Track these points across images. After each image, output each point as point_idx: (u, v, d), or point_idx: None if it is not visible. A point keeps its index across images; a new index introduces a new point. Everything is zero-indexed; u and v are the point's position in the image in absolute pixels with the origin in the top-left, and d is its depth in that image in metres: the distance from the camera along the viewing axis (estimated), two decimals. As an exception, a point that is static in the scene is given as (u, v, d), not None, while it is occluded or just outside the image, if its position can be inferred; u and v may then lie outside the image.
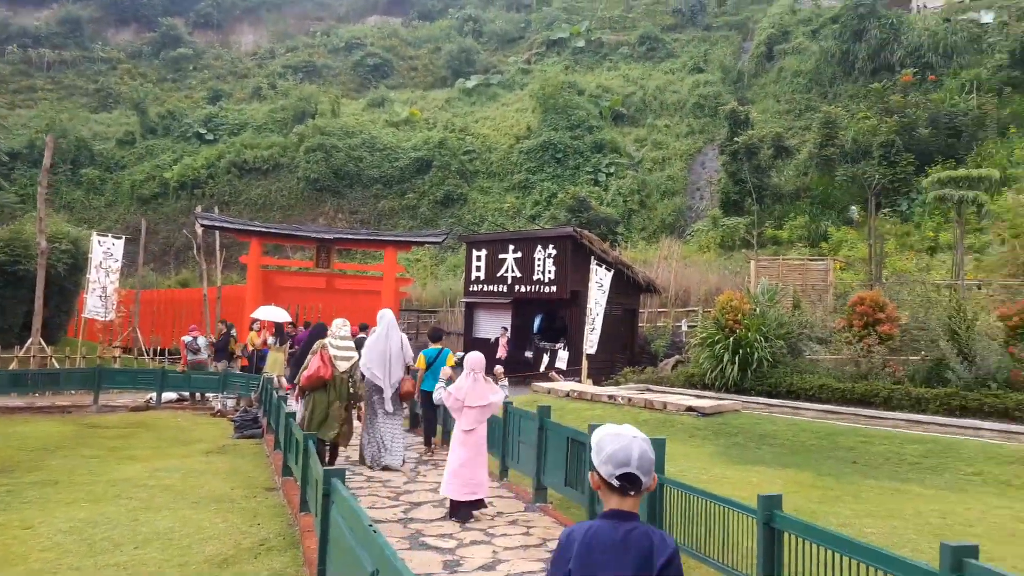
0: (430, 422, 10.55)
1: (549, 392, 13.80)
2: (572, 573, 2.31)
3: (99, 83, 60.85)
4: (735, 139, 33.72)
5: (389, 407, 9.08)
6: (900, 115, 30.81)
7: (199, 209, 25.94)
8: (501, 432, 8.56)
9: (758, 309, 15.03)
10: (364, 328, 15.82)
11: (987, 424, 10.53)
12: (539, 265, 18.98)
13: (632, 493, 2.34)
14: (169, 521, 7.05)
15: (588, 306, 16.48)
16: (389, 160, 44.73)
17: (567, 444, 6.86)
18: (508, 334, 19.77)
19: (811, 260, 21.92)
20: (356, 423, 9.10)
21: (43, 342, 18.11)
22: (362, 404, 9.10)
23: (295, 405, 9.44)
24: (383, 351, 9.11)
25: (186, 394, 16.24)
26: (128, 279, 31.56)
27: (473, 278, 20.77)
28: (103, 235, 19.19)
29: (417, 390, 9.99)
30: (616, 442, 2.37)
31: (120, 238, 19.19)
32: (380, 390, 9.13)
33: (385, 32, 63.19)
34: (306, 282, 23.63)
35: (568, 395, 13.37)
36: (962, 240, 20.37)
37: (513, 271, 19.61)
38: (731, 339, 14.10)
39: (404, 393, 9.26)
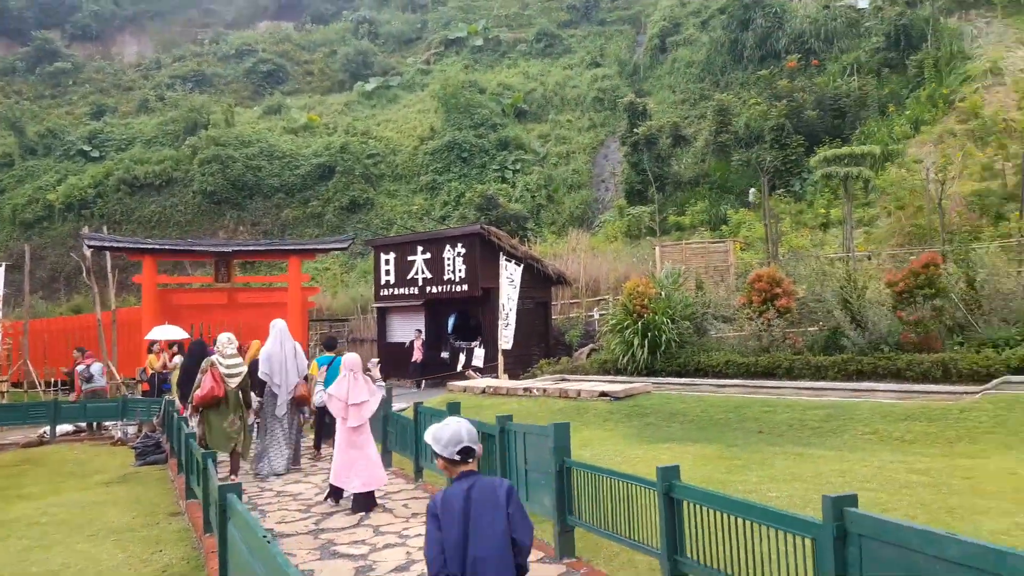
0: (320, 427, 10.76)
1: (465, 390, 13.74)
2: (443, 526, 3.05)
3: (-32, 102, 56.92)
4: (634, 131, 34.47)
5: (280, 411, 9.32)
6: (788, 99, 32.14)
7: (86, 230, 24.63)
8: (413, 433, 8.43)
9: (664, 293, 15.36)
10: (332, 343, 15.41)
11: (882, 386, 11.07)
12: (449, 265, 18.87)
13: (470, 460, 3.17)
14: (63, 557, 6.64)
15: (500, 302, 16.49)
16: (290, 168, 43.64)
17: (479, 439, 6.81)
18: (423, 336, 19.58)
19: (712, 243, 22.61)
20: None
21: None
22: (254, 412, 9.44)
23: (194, 425, 9.26)
24: (280, 359, 9.31)
25: (83, 425, 15.37)
26: (16, 309, 29.68)
27: (383, 282, 20.47)
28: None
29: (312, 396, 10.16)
30: (447, 430, 3.19)
31: (0, 265, 17.93)
32: (276, 396, 9.37)
33: (277, 37, 61.56)
34: (207, 299, 22.72)
35: (484, 391, 13.35)
36: (851, 215, 21.41)
37: (423, 272, 19.43)
38: (639, 323, 14.36)
39: (299, 397, 9.49)
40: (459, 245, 18.67)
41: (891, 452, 8.11)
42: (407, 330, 20.19)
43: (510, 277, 16.68)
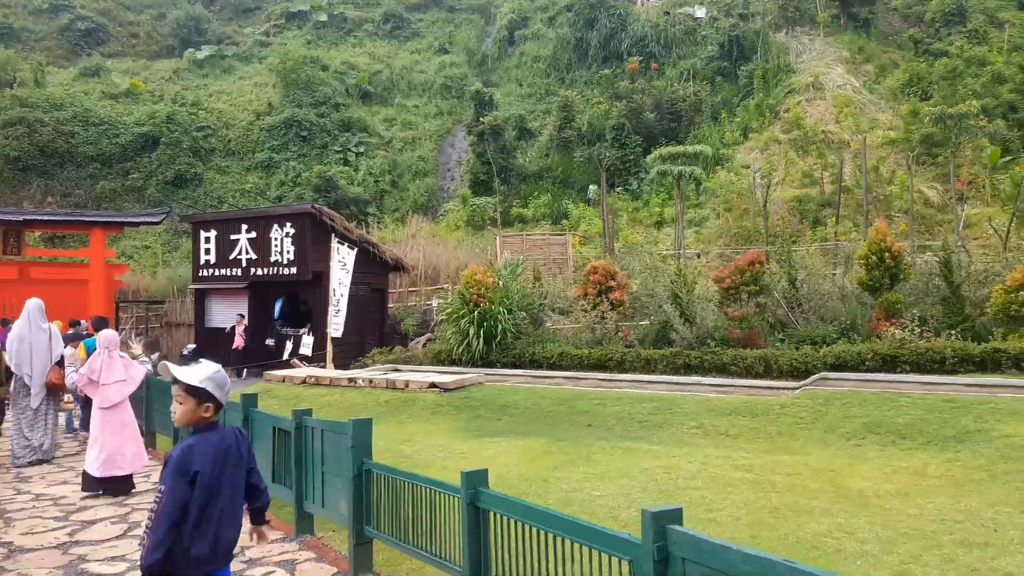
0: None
1: (284, 380, 12.66)
2: (200, 474, 2.90)
3: None
4: (481, 120, 34.10)
5: (35, 403, 8.54)
6: (628, 100, 32.96)
7: None
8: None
9: (501, 283, 14.98)
10: (75, 324, 13.70)
11: (707, 380, 11.20)
12: (276, 245, 17.53)
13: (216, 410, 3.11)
14: None
15: (331, 287, 15.46)
16: (108, 136, 39.70)
17: (274, 435, 5.97)
18: (245, 322, 18.11)
19: (552, 235, 22.63)
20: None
21: None
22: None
23: None
24: (29, 344, 8.45)
25: None
26: None
27: (203, 262, 18.74)
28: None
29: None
30: (223, 375, 3.16)
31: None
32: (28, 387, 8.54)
33: (99, -7, 55.93)
34: None
35: (305, 381, 12.35)
36: (682, 214, 22.10)
37: (248, 253, 17.95)
38: (476, 313, 13.89)
39: (50, 384, 8.69)
40: (288, 225, 17.38)
41: (716, 447, 8.06)
42: (229, 315, 18.61)
43: (342, 261, 15.69)
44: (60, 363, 8.79)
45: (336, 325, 15.48)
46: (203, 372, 3.06)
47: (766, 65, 33.18)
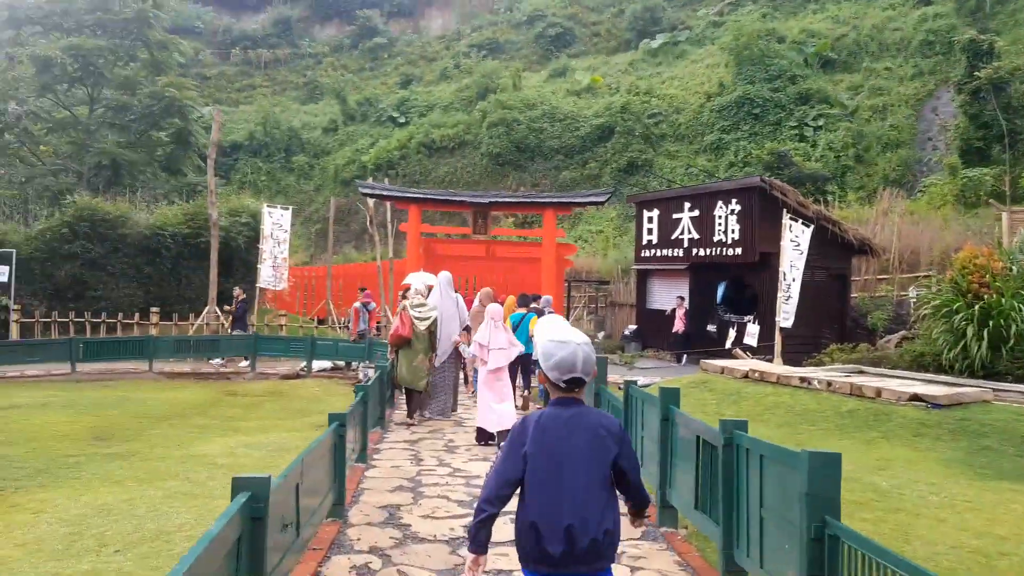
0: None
1: (723, 372, 11.09)
2: (529, 452, 2.62)
3: (307, 77, 64.52)
4: (975, 75, 27.90)
5: (439, 361, 9.84)
6: None
7: (370, 181, 25.74)
8: (621, 419, 6.22)
9: (1015, 268, 11.28)
10: (526, 300, 14.09)
11: None
12: (720, 224, 16.01)
13: (576, 390, 2.72)
14: (195, 513, 5.58)
15: (781, 270, 13.41)
16: (570, 130, 42.84)
17: (698, 447, 4.45)
18: (686, 304, 17.02)
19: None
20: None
21: (218, 311, 18.49)
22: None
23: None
24: (442, 310, 9.81)
25: (340, 363, 15.91)
26: (322, 254, 32.79)
27: (645, 242, 18.19)
28: (272, 207, 19.20)
29: None
30: (563, 350, 2.67)
31: (287, 209, 19.22)
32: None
33: (567, 0, 61.09)
34: (466, 250, 22.57)
35: (747, 376, 10.61)
36: None
37: (690, 232, 16.80)
38: (977, 307, 10.58)
39: (456, 344, 9.93)
40: (733, 201, 15.70)
41: None
42: (668, 297, 17.75)
43: (795, 240, 13.50)
44: (467, 329, 9.98)
45: (786, 314, 13.39)
46: (541, 342, 2.75)
47: None
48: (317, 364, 15.63)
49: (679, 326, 16.78)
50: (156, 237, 21.44)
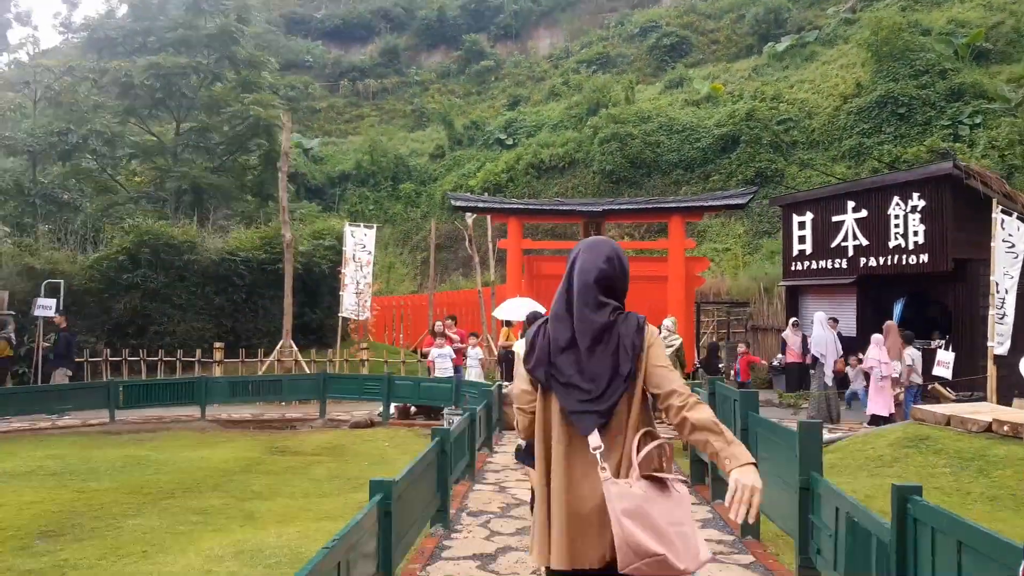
0: None
1: (948, 423, 8.15)
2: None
3: (414, 104, 64.68)
4: None
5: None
6: None
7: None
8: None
9: None
10: None
11: None
12: (897, 225, 13.16)
13: None
14: None
15: (992, 280, 10.49)
16: (689, 142, 40.14)
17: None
18: (801, 330, 14.02)
19: None
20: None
21: (294, 344, 16.92)
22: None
23: None
24: (824, 341, 11.21)
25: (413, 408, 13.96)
26: (419, 283, 31.41)
27: (795, 253, 15.47)
28: (355, 225, 17.60)
29: None
30: None
31: (372, 227, 17.49)
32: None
33: (682, 9, 58.35)
34: None
35: (990, 429, 7.70)
36: None
37: (855, 238, 14.00)
38: None
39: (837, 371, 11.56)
40: (915, 196, 12.82)
41: None
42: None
43: (1010, 241, 10.55)
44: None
45: (1001, 337, 10.46)
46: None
47: None
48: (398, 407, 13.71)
49: (791, 356, 13.78)
50: (227, 263, 19.61)
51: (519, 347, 7.66)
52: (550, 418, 2.74)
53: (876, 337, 10.87)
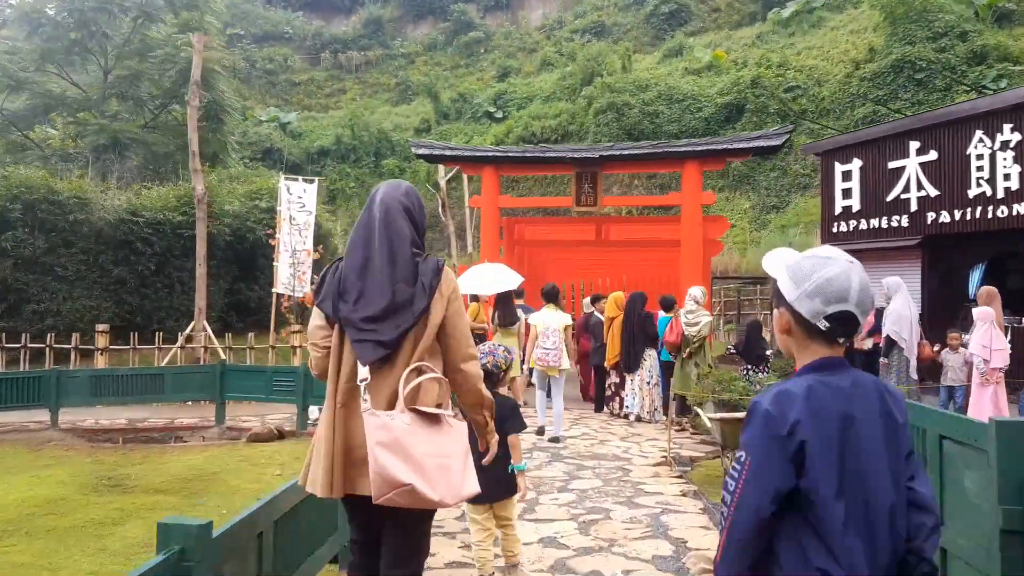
0: None
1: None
2: (810, 446, 1.58)
3: (399, 77, 61.97)
4: None
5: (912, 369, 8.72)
6: None
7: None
8: None
9: None
10: (669, 304, 10.41)
11: None
12: (981, 168, 10.63)
13: (842, 340, 1.75)
14: None
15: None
16: (691, 111, 37.74)
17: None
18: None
19: None
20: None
21: (208, 327, 13.77)
22: None
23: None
24: (908, 319, 8.61)
25: None
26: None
27: (839, 211, 12.98)
28: (292, 178, 14.59)
29: None
30: (827, 267, 1.74)
31: (312, 181, 14.48)
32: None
33: (681, -23, 55.80)
34: (566, 231, 17.46)
35: None
36: None
37: (920, 188, 11.50)
38: None
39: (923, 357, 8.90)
40: (1006, 128, 10.24)
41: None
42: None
43: None
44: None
45: None
46: (782, 258, 1.87)
47: None
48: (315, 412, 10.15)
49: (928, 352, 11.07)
50: (127, 226, 15.66)
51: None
52: (342, 355, 2.78)
53: (983, 311, 7.86)
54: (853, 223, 12.73)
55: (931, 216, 11.26)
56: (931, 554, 1.66)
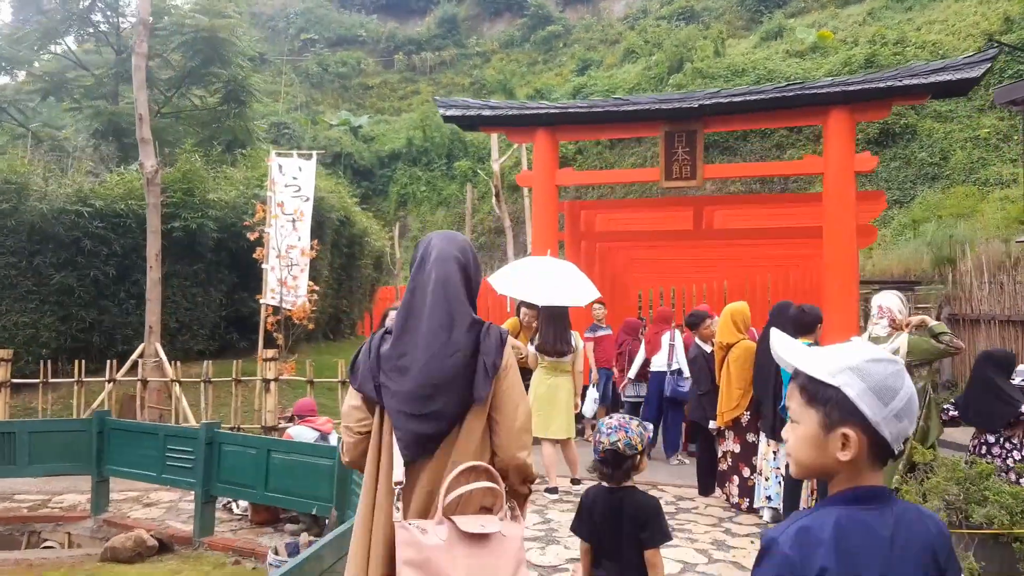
0: None
1: None
2: None
3: (473, 76, 60.03)
4: None
5: None
6: None
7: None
8: None
9: None
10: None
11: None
12: None
13: (893, 459, 1.64)
14: None
15: None
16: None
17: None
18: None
19: None
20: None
21: (161, 351, 10.31)
22: None
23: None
24: None
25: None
26: (486, 271, 26.08)
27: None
28: (286, 153, 11.12)
29: None
30: (904, 379, 1.43)
31: (309, 157, 10.97)
32: None
33: (777, -45, 51.69)
34: (654, 219, 13.21)
35: None
36: None
37: None
38: None
39: None
40: None
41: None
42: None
43: None
44: None
45: None
46: (844, 357, 1.40)
47: None
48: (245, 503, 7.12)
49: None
50: (73, 220, 12.02)
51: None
52: (381, 442, 2.47)
53: None
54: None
55: None
56: None
